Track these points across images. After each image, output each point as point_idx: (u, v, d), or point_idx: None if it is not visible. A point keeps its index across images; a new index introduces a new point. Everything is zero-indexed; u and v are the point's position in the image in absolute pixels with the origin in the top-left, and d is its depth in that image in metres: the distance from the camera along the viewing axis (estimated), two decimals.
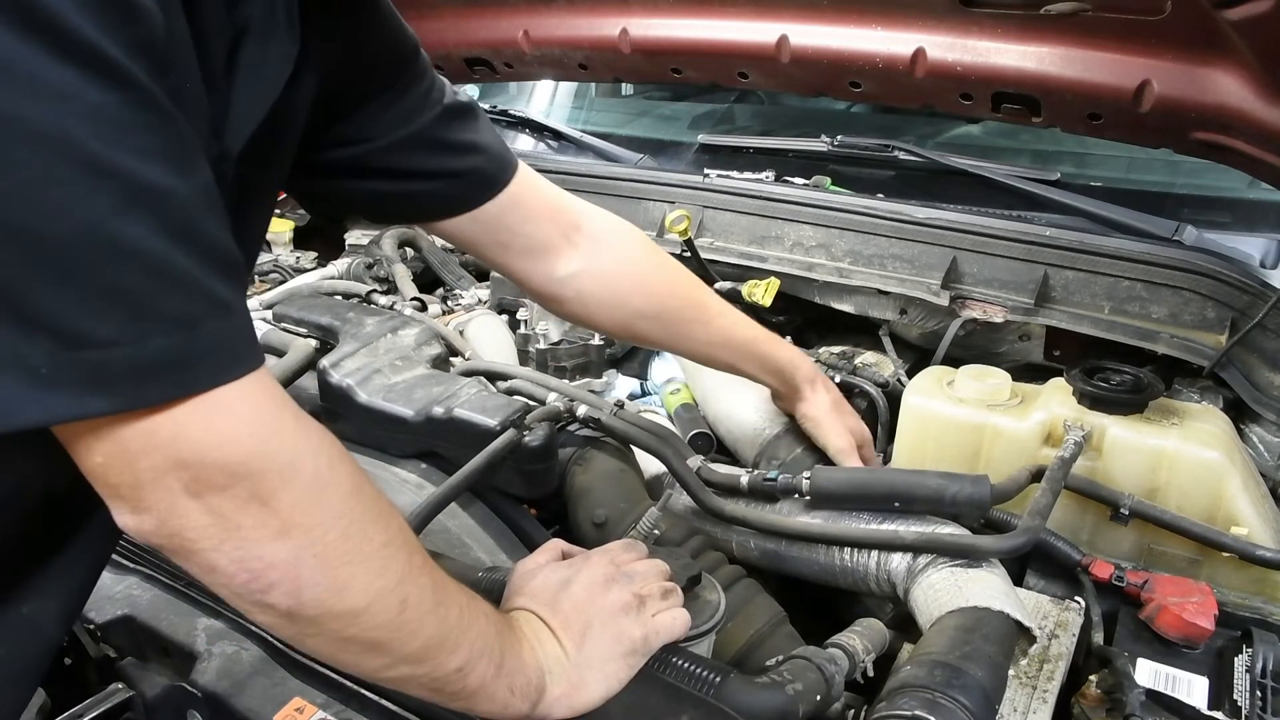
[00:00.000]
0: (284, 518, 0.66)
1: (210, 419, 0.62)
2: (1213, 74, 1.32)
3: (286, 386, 1.45)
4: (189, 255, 0.60)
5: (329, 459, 0.69)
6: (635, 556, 0.98)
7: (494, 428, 1.21)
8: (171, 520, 0.64)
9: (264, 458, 0.65)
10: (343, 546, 0.69)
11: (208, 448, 0.62)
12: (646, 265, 1.25)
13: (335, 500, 0.69)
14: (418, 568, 0.75)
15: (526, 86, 2.67)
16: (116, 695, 0.99)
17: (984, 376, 1.38)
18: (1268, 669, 1.05)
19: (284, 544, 0.66)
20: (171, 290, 0.59)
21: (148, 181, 0.57)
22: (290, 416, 0.68)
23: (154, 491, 0.63)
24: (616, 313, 1.22)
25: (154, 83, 0.58)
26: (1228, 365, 1.42)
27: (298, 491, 0.66)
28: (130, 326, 0.58)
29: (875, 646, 1.03)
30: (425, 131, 1.02)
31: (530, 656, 0.84)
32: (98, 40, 0.54)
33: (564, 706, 0.84)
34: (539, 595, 0.91)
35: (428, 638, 0.74)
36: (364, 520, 0.71)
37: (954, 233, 1.67)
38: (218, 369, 0.62)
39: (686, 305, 1.28)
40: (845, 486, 1.19)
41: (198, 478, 0.63)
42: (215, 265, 0.62)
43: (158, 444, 0.61)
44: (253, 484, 0.64)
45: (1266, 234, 1.69)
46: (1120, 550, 1.28)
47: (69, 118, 0.54)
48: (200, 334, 0.61)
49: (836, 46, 1.63)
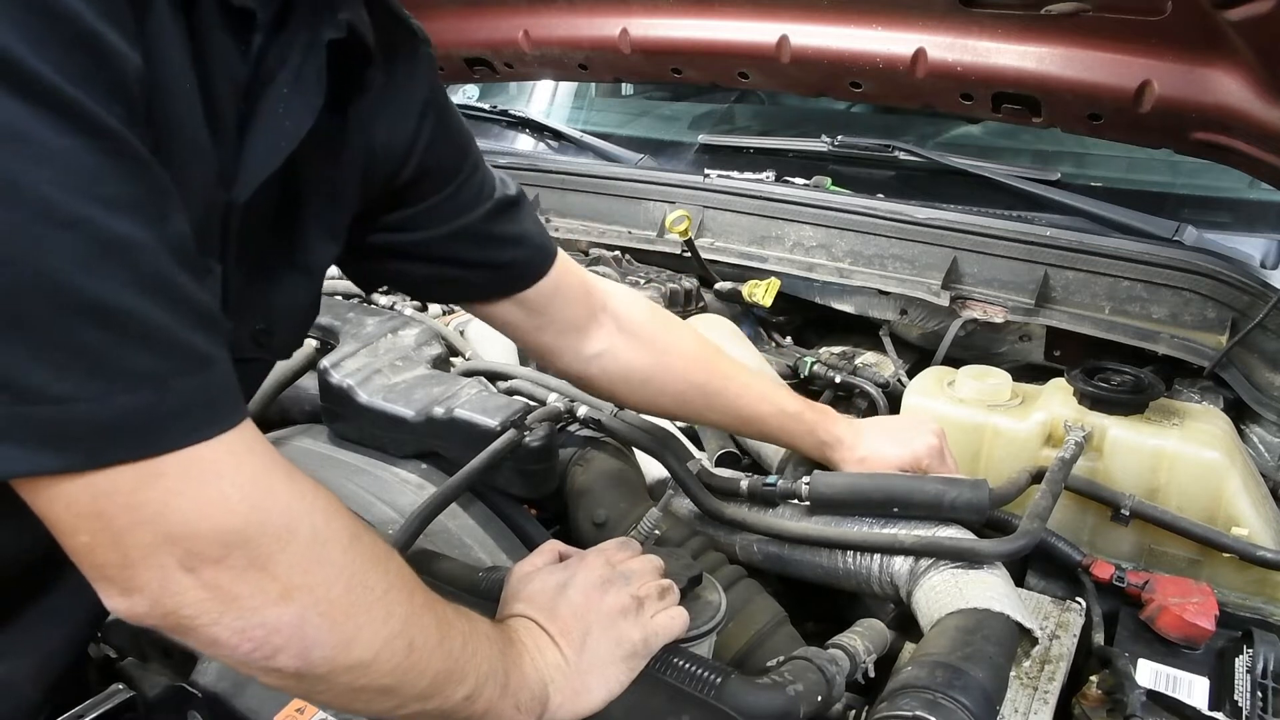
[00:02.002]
0: (284, 581, 0.63)
1: (199, 487, 0.59)
2: (1213, 74, 1.32)
3: (286, 387, 1.45)
4: (161, 308, 0.57)
5: (325, 514, 0.67)
6: (629, 555, 0.98)
7: (494, 428, 1.21)
8: (166, 599, 0.60)
9: (259, 523, 0.62)
10: (346, 601, 0.67)
11: (199, 518, 0.59)
12: (667, 346, 1.23)
13: (335, 555, 0.67)
14: (420, 606, 0.74)
15: (526, 86, 2.67)
16: (117, 695, 0.98)
17: (984, 377, 1.38)
18: (1268, 669, 1.05)
19: (287, 608, 0.64)
20: (139, 346, 0.56)
21: (115, 232, 0.54)
22: (282, 475, 0.65)
23: (145, 570, 0.59)
24: (641, 391, 1.22)
25: (127, 129, 0.55)
26: (1228, 365, 1.43)
27: (297, 553, 0.64)
28: (90, 383, 0.55)
29: (876, 647, 1.03)
30: (477, 225, 1.03)
31: (532, 669, 0.84)
32: (61, 84, 0.52)
33: (567, 712, 0.84)
34: (536, 600, 0.91)
35: (435, 673, 0.73)
36: (365, 570, 0.69)
37: (954, 233, 1.67)
38: (192, 427, 0.59)
39: (705, 388, 1.24)
40: (844, 492, 1.19)
41: (191, 551, 0.59)
42: (190, 317, 0.59)
43: (145, 518, 0.58)
44: (249, 551, 0.61)
45: (1266, 234, 1.69)
46: (1121, 551, 1.28)
47: (24, 161, 0.51)
48: (172, 391, 0.58)
49: (837, 47, 1.63)
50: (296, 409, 1.47)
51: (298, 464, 1.27)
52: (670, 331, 1.25)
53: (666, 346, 1.22)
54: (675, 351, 1.23)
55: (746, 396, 1.24)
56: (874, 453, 1.24)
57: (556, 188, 2.09)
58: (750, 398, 1.25)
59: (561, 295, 1.13)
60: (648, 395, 1.23)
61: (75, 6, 0.52)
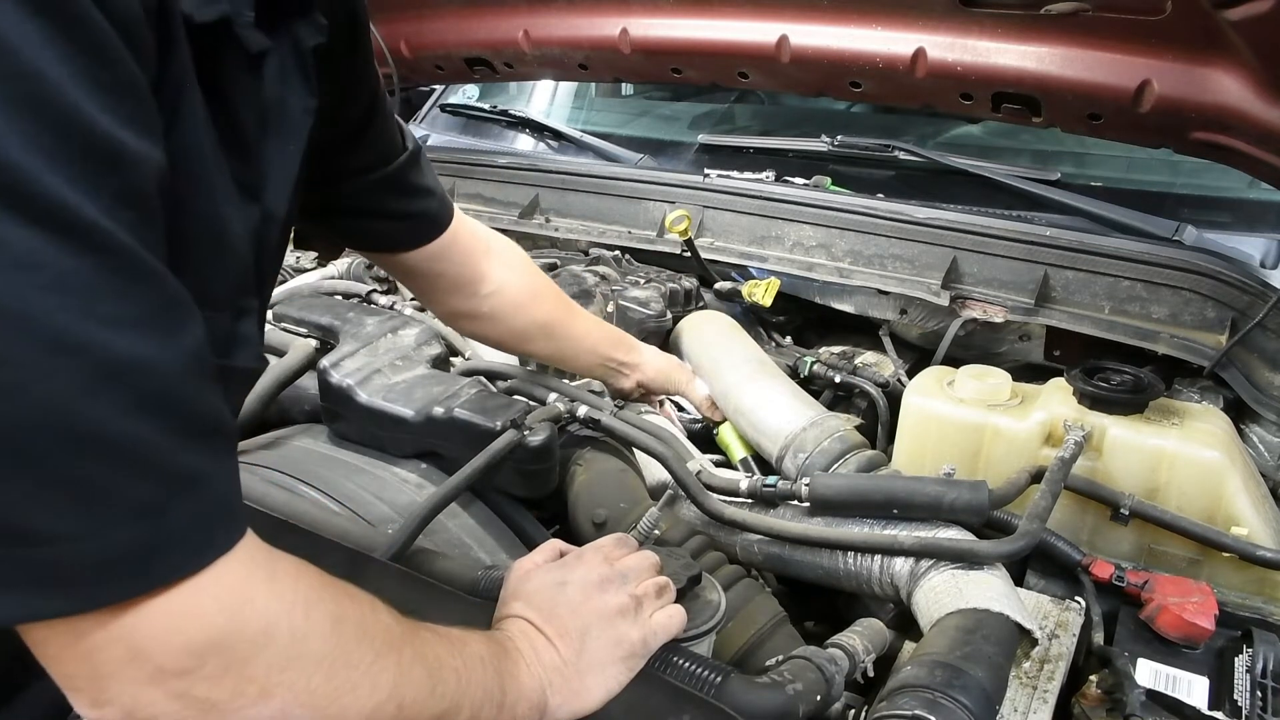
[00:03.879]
0: (262, 682, 0.61)
1: (168, 610, 0.56)
2: (1213, 74, 1.32)
3: (286, 387, 1.45)
4: (163, 431, 0.55)
5: (305, 607, 0.64)
6: (626, 551, 0.98)
7: (494, 428, 1.21)
8: (136, 711, 0.58)
9: (236, 632, 0.59)
10: (329, 688, 0.64)
11: (172, 633, 0.56)
12: (538, 279, 1.37)
13: (316, 646, 0.64)
14: (409, 662, 0.71)
15: (526, 86, 2.67)
16: None
17: (984, 376, 1.38)
18: (1268, 669, 1.05)
19: (267, 707, 0.61)
20: (139, 475, 0.54)
21: (119, 353, 0.52)
22: (263, 578, 0.62)
23: (115, 684, 0.57)
24: (517, 322, 1.32)
25: (136, 237, 0.53)
26: (1228, 365, 1.42)
27: (275, 654, 0.61)
28: (89, 520, 0.53)
29: (875, 646, 1.03)
30: (397, 175, 1.08)
31: (529, 676, 0.83)
32: (72, 201, 0.49)
33: (566, 713, 0.84)
34: (534, 600, 0.91)
35: (429, 719, 0.73)
36: (349, 651, 0.67)
37: (954, 233, 1.67)
38: (186, 558, 0.57)
39: (564, 316, 1.39)
40: (844, 493, 1.19)
41: (162, 667, 0.57)
42: (193, 436, 0.57)
43: (116, 636, 0.55)
44: (225, 658, 0.59)
45: (1266, 234, 1.69)
46: (1120, 550, 1.28)
47: (32, 290, 0.48)
48: (168, 520, 0.55)
49: (837, 46, 1.63)
50: (296, 409, 1.47)
51: (298, 464, 1.28)
52: (534, 267, 1.38)
53: (535, 281, 1.35)
54: (543, 283, 1.37)
55: (593, 335, 1.43)
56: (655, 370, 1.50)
57: (556, 188, 2.09)
58: (595, 336, 1.43)
59: (462, 241, 1.21)
60: (522, 327, 1.33)
61: (91, 116, 0.50)
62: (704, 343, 1.65)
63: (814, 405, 1.47)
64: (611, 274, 1.79)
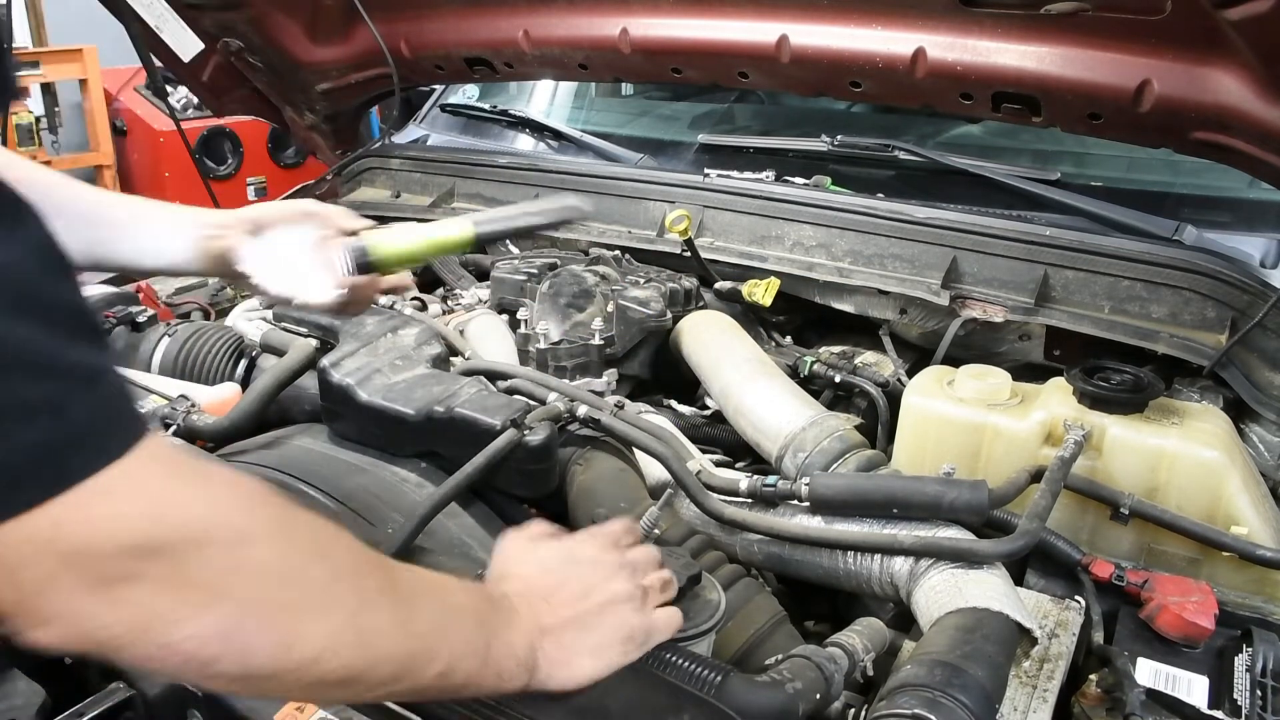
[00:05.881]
0: (205, 589, 0.59)
1: (88, 511, 0.55)
2: (1213, 74, 1.32)
3: (286, 386, 1.45)
4: (42, 329, 0.53)
5: (245, 508, 0.63)
6: (633, 539, 1.00)
7: (494, 427, 1.21)
8: (79, 625, 0.57)
9: (166, 532, 0.58)
10: (281, 598, 0.63)
11: (97, 535, 0.55)
12: (52, 177, 1.16)
13: (262, 553, 0.63)
14: (373, 592, 0.70)
15: (526, 86, 2.67)
16: (116, 694, 0.98)
17: (984, 376, 1.38)
18: (1268, 668, 1.05)
19: (213, 615, 0.60)
20: (31, 376, 0.53)
21: None
22: (186, 478, 0.61)
23: (48, 600, 0.55)
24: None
25: None
26: (1228, 365, 1.42)
27: (215, 557, 0.60)
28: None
29: (875, 645, 1.03)
30: None
31: (520, 635, 0.82)
32: None
33: (556, 682, 0.84)
34: (544, 566, 0.91)
35: (399, 660, 0.71)
36: (301, 562, 0.65)
37: (954, 232, 1.67)
38: (95, 454, 0.55)
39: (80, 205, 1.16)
40: (844, 493, 1.19)
41: (95, 573, 0.56)
42: (67, 328, 0.55)
43: (42, 546, 0.54)
44: (159, 564, 0.57)
45: (1266, 234, 1.69)
46: (1120, 550, 1.28)
47: None
48: (68, 417, 0.54)
49: (836, 46, 1.63)
50: (296, 408, 1.47)
51: (298, 464, 1.28)
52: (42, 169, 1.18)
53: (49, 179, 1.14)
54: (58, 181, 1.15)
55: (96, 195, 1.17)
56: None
57: (556, 188, 2.09)
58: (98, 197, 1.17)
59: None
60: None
61: None
62: (704, 342, 1.65)
63: (814, 405, 1.47)
64: (611, 274, 1.79)
